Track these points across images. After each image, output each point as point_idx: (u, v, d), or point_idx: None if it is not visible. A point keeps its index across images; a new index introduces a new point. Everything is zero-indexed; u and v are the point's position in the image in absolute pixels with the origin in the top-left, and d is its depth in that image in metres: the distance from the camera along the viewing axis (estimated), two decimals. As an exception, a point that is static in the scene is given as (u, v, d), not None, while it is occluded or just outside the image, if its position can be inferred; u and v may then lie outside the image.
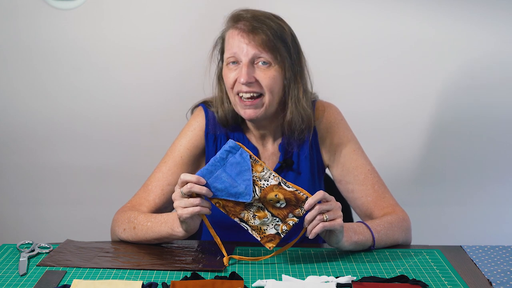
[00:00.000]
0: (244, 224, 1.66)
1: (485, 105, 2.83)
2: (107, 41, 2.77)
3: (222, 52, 1.89)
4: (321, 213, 1.63)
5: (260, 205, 1.65)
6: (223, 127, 1.93)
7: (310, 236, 1.64)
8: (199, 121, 1.95)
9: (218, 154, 1.63)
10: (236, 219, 1.66)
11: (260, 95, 1.81)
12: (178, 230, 1.71)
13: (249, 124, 1.92)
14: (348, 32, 2.78)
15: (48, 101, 2.81)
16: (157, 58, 2.79)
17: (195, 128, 1.94)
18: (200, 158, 1.95)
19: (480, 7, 2.75)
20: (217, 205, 1.65)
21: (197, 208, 1.63)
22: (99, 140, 2.85)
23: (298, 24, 1.90)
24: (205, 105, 1.97)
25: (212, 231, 1.71)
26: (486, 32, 2.77)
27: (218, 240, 1.71)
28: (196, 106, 2.00)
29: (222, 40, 1.88)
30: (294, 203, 1.64)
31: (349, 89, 2.81)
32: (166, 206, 1.91)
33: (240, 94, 1.81)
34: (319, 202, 1.64)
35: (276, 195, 1.63)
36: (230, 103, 1.89)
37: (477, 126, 2.85)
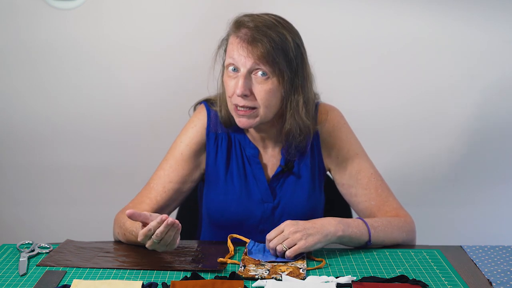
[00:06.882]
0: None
1: (485, 104, 2.83)
2: (107, 41, 2.77)
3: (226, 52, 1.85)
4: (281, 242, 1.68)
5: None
6: (225, 127, 1.92)
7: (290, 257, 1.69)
8: (201, 118, 1.93)
9: None
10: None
11: (254, 108, 1.78)
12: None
13: None
14: (347, 31, 2.78)
15: (48, 101, 2.81)
16: (158, 58, 2.78)
17: (196, 125, 1.93)
18: (200, 155, 1.93)
19: (480, 6, 2.75)
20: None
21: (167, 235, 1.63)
22: (99, 140, 2.85)
23: (295, 23, 1.86)
24: (207, 103, 1.95)
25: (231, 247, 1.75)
26: (485, 31, 2.77)
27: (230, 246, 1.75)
28: (199, 103, 1.98)
29: (226, 41, 1.83)
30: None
31: (350, 88, 2.80)
32: (168, 204, 1.91)
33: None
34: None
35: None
36: None
37: (477, 126, 2.85)
